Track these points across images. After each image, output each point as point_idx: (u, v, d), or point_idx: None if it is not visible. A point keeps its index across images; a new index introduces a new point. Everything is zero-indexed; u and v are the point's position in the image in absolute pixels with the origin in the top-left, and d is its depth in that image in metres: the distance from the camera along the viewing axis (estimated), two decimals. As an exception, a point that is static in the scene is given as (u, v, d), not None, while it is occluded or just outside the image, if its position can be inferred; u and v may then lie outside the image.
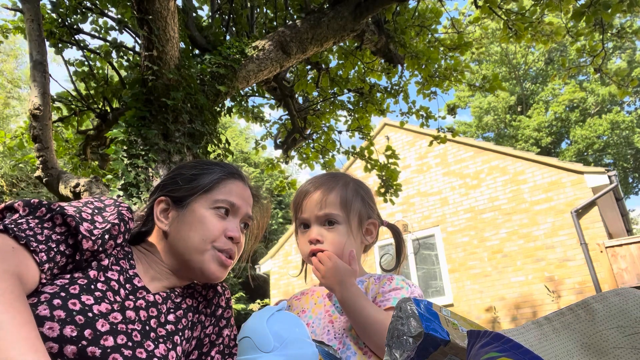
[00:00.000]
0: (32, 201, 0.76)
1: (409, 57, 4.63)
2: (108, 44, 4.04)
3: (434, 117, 5.19)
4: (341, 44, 4.59)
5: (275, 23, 4.43)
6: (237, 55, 3.43)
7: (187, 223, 0.90)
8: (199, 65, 3.27)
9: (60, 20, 3.84)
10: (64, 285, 0.72)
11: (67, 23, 3.90)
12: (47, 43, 3.66)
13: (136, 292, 0.83)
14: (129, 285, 0.83)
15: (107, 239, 0.80)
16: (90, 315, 0.71)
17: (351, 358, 0.95)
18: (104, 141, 4.27)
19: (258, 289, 15.76)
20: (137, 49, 3.99)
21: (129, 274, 0.85)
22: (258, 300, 15.26)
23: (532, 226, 7.89)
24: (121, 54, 4.03)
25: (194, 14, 4.08)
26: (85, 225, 0.77)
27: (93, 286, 0.75)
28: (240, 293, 16.70)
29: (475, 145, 9.15)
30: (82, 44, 4.05)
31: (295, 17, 4.33)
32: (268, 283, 10.85)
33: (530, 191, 8.12)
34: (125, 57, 4.11)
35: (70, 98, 4.27)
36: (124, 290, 0.81)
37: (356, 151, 5.57)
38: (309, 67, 5.19)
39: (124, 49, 4.00)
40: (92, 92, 4.21)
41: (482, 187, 8.69)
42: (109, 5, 3.95)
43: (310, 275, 1.16)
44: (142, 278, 0.88)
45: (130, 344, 0.73)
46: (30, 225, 0.73)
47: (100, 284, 0.77)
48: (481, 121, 22.57)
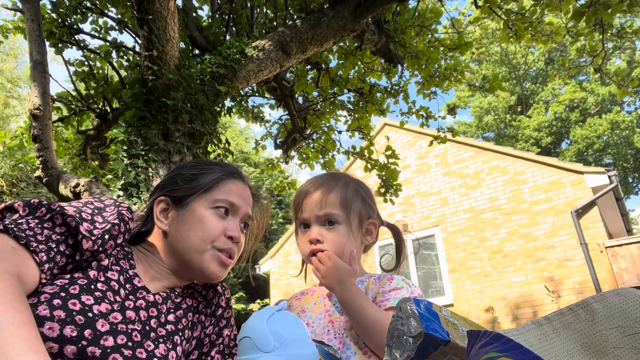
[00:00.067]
0: (32, 201, 0.76)
1: (409, 57, 4.63)
2: (108, 44, 4.04)
3: (434, 117, 5.19)
4: (341, 44, 4.59)
5: (275, 23, 4.43)
6: (237, 55, 3.43)
7: (187, 223, 0.90)
8: (199, 65, 3.27)
9: (60, 20, 3.84)
10: (64, 286, 0.72)
11: (67, 23, 3.90)
12: (47, 43, 3.66)
13: (136, 292, 0.83)
14: (129, 285, 0.83)
15: (107, 239, 0.80)
16: (90, 315, 0.71)
17: (351, 358, 0.95)
18: (104, 141, 4.27)
19: (258, 289, 15.76)
20: (137, 49, 3.99)
21: (129, 274, 0.85)
22: (258, 300, 15.25)
23: (532, 226, 7.89)
24: (121, 54, 4.03)
25: (194, 14, 4.08)
26: (85, 226, 0.77)
27: (93, 286, 0.75)
28: (240, 293, 16.70)
29: (475, 145, 9.15)
30: (82, 44, 4.05)
31: (295, 17, 4.33)
32: (268, 283, 10.85)
33: (530, 191, 8.12)
34: (125, 57, 4.11)
35: (70, 98, 4.27)
36: (124, 290, 0.81)
37: (356, 151, 5.57)
38: (309, 67, 5.19)
39: (124, 49, 4.00)
40: (92, 92, 4.21)
41: (482, 187, 8.69)
42: (109, 5, 3.95)
43: (310, 275, 1.16)
44: (142, 278, 0.87)
45: (130, 344, 0.73)
46: (30, 226, 0.73)
47: (100, 284, 0.77)
48: (481, 121, 22.57)
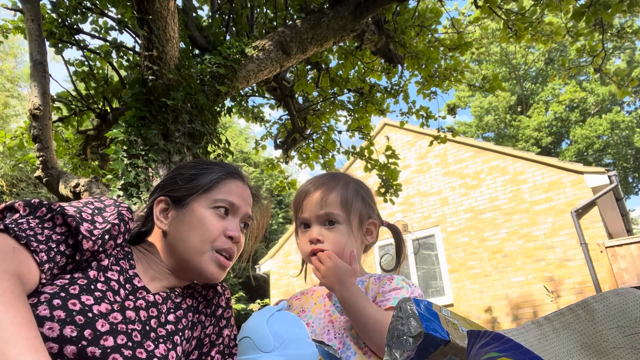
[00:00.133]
0: (32, 201, 0.76)
1: (409, 57, 4.63)
2: (108, 44, 4.04)
3: (434, 117, 5.19)
4: (341, 44, 4.59)
5: (275, 23, 4.43)
6: (237, 55, 3.43)
7: (187, 223, 0.90)
8: (199, 65, 3.27)
9: (60, 20, 3.84)
10: (64, 286, 0.72)
11: (67, 23, 3.90)
12: (47, 43, 3.65)
13: (136, 292, 0.83)
14: (129, 285, 0.83)
15: (107, 239, 0.80)
16: (90, 315, 0.70)
17: (351, 358, 0.95)
18: (104, 141, 4.27)
19: (258, 289, 15.76)
20: (137, 49, 3.99)
21: (128, 274, 0.85)
22: (258, 300, 15.25)
23: (532, 226, 7.88)
24: (121, 54, 4.03)
25: (194, 14, 4.08)
26: (86, 226, 0.77)
27: (93, 286, 0.75)
28: (240, 293, 16.70)
29: (475, 145, 9.15)
30: (82, 44, 4.05)
31: (295, 17, 4.33)
32: (268, 283, 10.85)
33: (530, 191, 8.12)
34: (125, 57, 4.11)
35: (70, 98, 4.27)
36: (124, 290, 0.81)
37: (356, 151, 5.57)
38: (309, 67, 5.19)
39: (124, 49, 4.00)
40: (92, 92, 4.20)
41: (482, 187, 8.69)
42: (109, 5, 3.95)
43: (310, 275, 1.16)
44: (142, 278, 0.87)
45: (130, 344, 0.73)
46: (31, 225, 0.73)
47: (100, 284, 0.77)
48: (481, 121, 22.57)
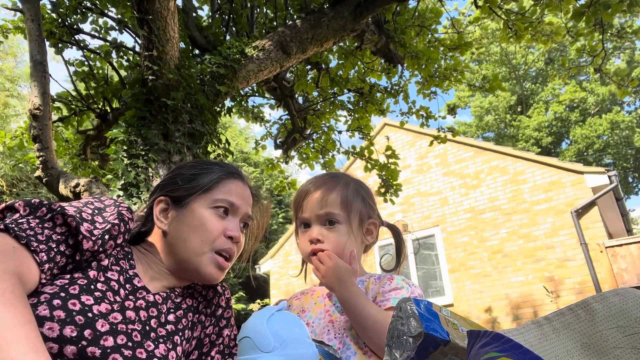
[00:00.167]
0: (32, 201, 0.76)
1: (409, 57, 4.63)
2: (108, 44, 4.04)
3: (434, 117, 5.19)
4: (341, 44, 4.59)
5: (275, 23, 4.43)
6: (237, 55, 3.43)
7: (187, 223, 0.90)
8: (199, 65, 3.27)
9: (60, 20, 3.84)
10: (64, 286, 0.72)
11: (67, 23, 3.90)
12: (47, 43, 3.65)
13: (136, 292, 0.83)
14: (129, 285, 0.83)
15: (107, 239, 0.80)
16: (90, 315, 0.70)
17: (351, 358, 0.95)
18: (104, 141, 4.27)
19: (258, 289, 15.75)
20: (137, 49, 3.99)
21: (128, 274, 0.85)
22: (258, 300, 15.24)
23: (532, 226, 7.88)
24: (121, 54, 4.03)
25: (194, 14, 4.08)
26: (86, 226, 0.77)
27: (93, 286, 0.75)
28: (240, 293, 16.70)
29: (475, 145, 9.14)
30: (82, 44, 4.05)
31: (295, 17, 4.33)
32: (268, 283, 10.85)
33: (530, 191, 8.12)
34: (125, 57, 4.11)
35: (70, 98, 4.27)
36: (124, 290, 0.81)
37: (356, 151, 5.57)
38: (309, 67, 5.19)
39: (124, 49, 4.00)
40: (92, 92, 4.20)
41: (482, 187, 8.69)
42: (109, 5, 3.95)
43: (310, 275, 1.16)
44: (142, 278, 0.87)
45: (130, 344, 0.73)
46: (31, 225, 0.73)
47: (100, 284, 0.77)
48: (482, 121, 22.57)
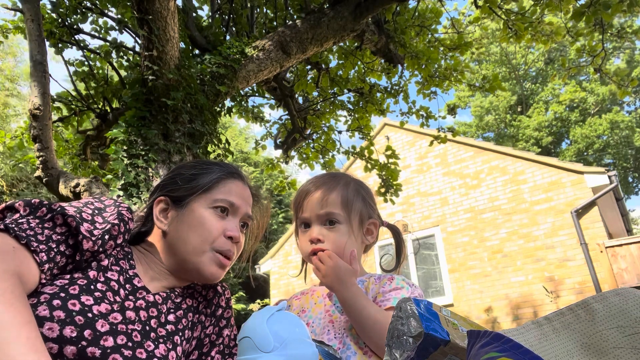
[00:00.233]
0: (32, 201, 0.76)
1: (409, 57, 4.63)
2: (108, 44, 4.04)
3: (434, 117, 5.20)
4: (341, 44, 4.59)
5: (275, 23, 4.43)
6: (237, 55, 3.43)
7: (186, 223, 0.90)
8: (199, 65, 3.27)
9: (60, 20, 3.84)
10: (64, 286, 0.72)
11: (67, 23, 3.90)
12: (47, 43, 3.65)
13: (136, 292, 0.83)
14: (129, 285, 0.83)
15: (107, 239, 0.80)
16: (90, 315, 0.70)
17: (351, 358, 0.95)
18: (104, 141, 4.26)
19: (258, 289, 15.75)
20: (137, 49, 3.99)
21: (128, 274, 0.84)
22: (258, 300, 15.24)
23: (532, 226, 7.88)
24: (121, 54, 4.03)
25: (194, 14, 4.08)
26: (86, 226, 0.77)
27: (93, 286, 0.75)
28: (240, 293, 16.69)
29: (475, 145, 9.15)
30: (82, 44, 4.05)
31: (295, 17, 4.33)
32: (268, 283, 10.85)
33: (530, 191, 8.12)
34: (125, 57, 4.11)
35: (70, 98, 4.27)
36: (124, 290, 0.81)
37: (356, 151, 5.57)
38: (309, 67, 5.19)
39: (124, 49, 4.00)
40: (92, 92, 4.20)
41: (482, 187, 8.69)
42: (109, 5, 3.95)
43: (310, 275, 1.16)
44: (142, 278, 0.87)
45: (130, 344, 0.73)
46: (31, 225, 0.72)
47: (100, 284, 0.77)
48: (482, 121, 22.57)
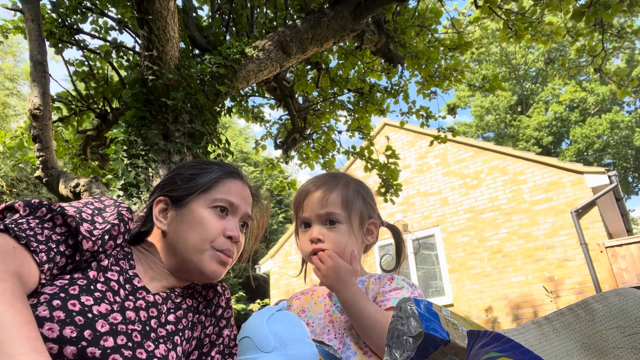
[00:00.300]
0: (32, 201, 0.76)
1: (409, 57, 4.63)
2: (108, 44, 4.04)
3: (434, 117, 5.20)
4: (341, 44, 4.59)
5: (275, 23, 4.43)
6: (237, 55, 3.43)
7: (186, 222, 0.90)
8: (199, 65, 3.27)
9: (60, 20, 3.84)
10: (64, 286, 0.72)
11: (67, 23, 3.90)
12: (47, 43, 3.65)
13: (136, 292, 0.83)
14: (129, 285, 0.83)
15: (107, 239, 0.80)
16: (89, 315, 0.70)
17: (351, 358, 0.95)
18: (104, 141, 4.26)
19: (258, 289, 15.75)
20: (137, 49, 3.99)
21: (128, 275, 0.84)
22: (258, 300, 15.23)
23: (532, 226, 7.88)
24: (121, 54, 4.03)
25: (194, 14, 4.08)
26: (86, 226, 0.77)
27: (93, 287, 0.75)
28: (240, 293, 16.68)
29: (475, 145, 9.14)
30: (82, 44, 4.05)
31: (295, 17, 4.33)
32: (268, 283, 10.85)
33: (530, 191, 8.12)
34: (125, 57, 4.11)
35: (70, 98, 4.27)
36: (124, 290, 0.81)
37: (356, 151, 5.57)
38: (309, 67, 5.19)
39: (124, 49, 4.00)
40: (92, 92, 4.20)
41: (482, 187, 8.69)
42: (109, 5, 3.95)
43: (310, 275, 1.16)
44: (142, 278, 0.87)
45: (130, 344, 0.73)
46: (31, 226, 0.72)
47: (99, 284, 0.77)
48: (482, 121, 22.58)
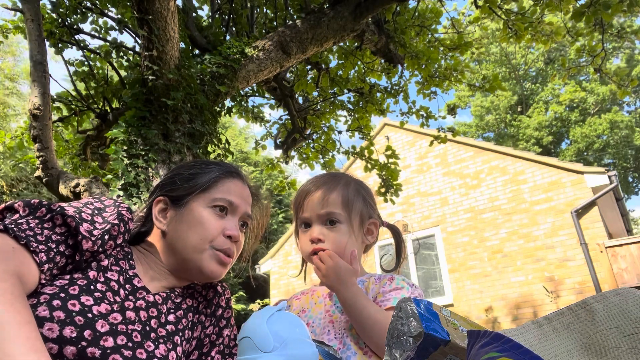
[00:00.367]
0: (32, 201, 0.76)
1: (409, 57, 4.63)
2: (108, 44, 4.04)
3: (434, 117, 5.20)
4: (341, 44, 4.59)
5: (275, 23, 4.43)
6: (237, 55, 3.43)
7: (185, 222, 0.90)
8: (199, 65, 3.27)
9: (60, 20, 3.84)
10: (64, 286, 0.72)
11: (67, 23, 3.90)
12: (47, 43, 3.65)
13: (136, 292, 0.83)
14: (129, 285, 0.83)
15: (106, 239, 0.80)
16: (89, 316, 0.70)
17: (351, 358, 0.95)
18: (104, 141, 4.26)
19: (258, 289, 15.75)
20: (137, 49, 3.99)
21: (128, 275, 0.84)
22: (258, 300, 15.23)
23: (532, 226, 7.88)
24: (121, 54, 4.03)
25: (194, 14, 4.08)
26: (85, 226, 0.77)
27: (92, 287, 0.75)
28: (240, 293, 16.68)
29: (475, 145, 9.14)
30: (82, 44, 4.05)
31: (295, 17, 4.33)
32: (268, 283, 10.85)
33: (530, 191, 8.12)
34: (125, 57, 4.11)
35: (70, 98, 4.27)
36: (124, 290, 0.81)
37: (356, 151, 5.57)
38: (309, 67, 5.19)
39: (124, 49, 4.00)
40: (92, 92, 4.20)
41: (482, 187, 8.69)
42: (109, 5, 3.95)
43: (310, 275, 1.16)
44: (142, 278, 0.87)
45: (130, 344, 0.73)
46: (31, 226, 0.72)
47: (99, 284, 0.77)
48: (482, 120, 22.58)
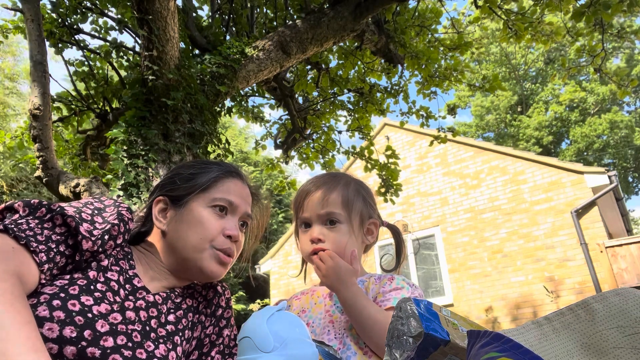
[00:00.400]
0: (32, 201, 0.76)
1: (409, 57, 4.63)
2: (108, 44, 4.04)
3: (434, 117, 5.20)
4: (341, 44, 4.59)
5: (275, 23, 4.43)
6: (237, 55, 3.43)
7: (185, 222, 0.90)
8: (199, 65, 3.27)
9: (60, 20, 3.84)
10: (64, 286, 0.72)
11: (67, 23, 3.90)
12: (47, 43, 3.65)
13: (136, 292, 0.83)
14: (129, 285, 0.83)
15: (106, 239, 0.80)
16: (89, 316, 0.70)
17: (351, 358, 0.95)
18: (104, 141, 4.26)
19: (258, 289, 15.75)
20: (137, 49, 3.99)
21: (128, 275, 0.84)
22: (258, 300, 15.23)
23: (532, 226, 7.88)
24: (121, 54, 4.03)
25: (194, 14, 4.08)
26: (85, 226, 0.77)
27: (92, 287, 0.75)
28: (240, 293, 16.68)
29: (475, 145, 9.14)
30: (82, 44, 4.05)
31: (295, 17, 4.33)
32: (268, 283, 10.85)
33: (530, 191, 8.12)
34: (125, 57, 4.11)
35: (70, 98, 4.27)
36: (124, 290, 0.81)
37: (356, 151, 5.57)
38: (309, 67, 5.19)
39: (124, 49, 4.00)
40: (92, 92, 4.20)
41: (482, 187, 8.69)
42: (109, 5, 3.95)
43: (310, 275, 1.16)
44: (142, 278, 0.87)
45: (130, 344, 0.73)
46: (30, 226, 0.72)
47: (99, 284, 0.77)
48: (482, 120, 22.58)
